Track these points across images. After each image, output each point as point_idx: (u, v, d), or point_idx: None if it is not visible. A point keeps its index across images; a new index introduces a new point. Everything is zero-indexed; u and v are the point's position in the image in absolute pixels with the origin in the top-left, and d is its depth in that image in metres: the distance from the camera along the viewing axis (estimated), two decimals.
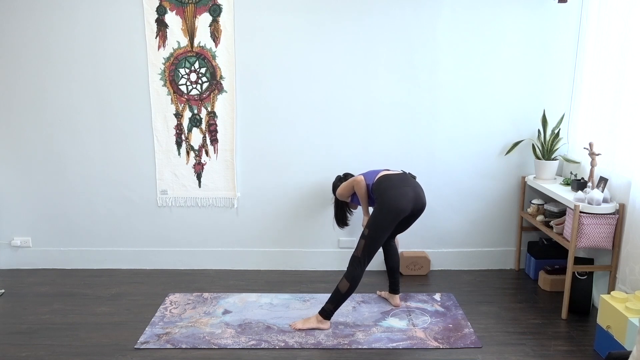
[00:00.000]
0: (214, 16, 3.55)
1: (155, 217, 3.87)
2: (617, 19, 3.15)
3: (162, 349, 2.81)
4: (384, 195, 2.97)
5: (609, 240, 3.02)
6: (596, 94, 3.39)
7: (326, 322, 3.02)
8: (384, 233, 2.94)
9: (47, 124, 3.71)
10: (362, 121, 3.71)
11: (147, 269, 3.92)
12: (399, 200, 2.92)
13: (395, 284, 3.33)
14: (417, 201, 3.01)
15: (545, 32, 3.59)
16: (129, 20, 3.55)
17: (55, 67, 3.62)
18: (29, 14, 3.54)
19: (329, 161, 3.76)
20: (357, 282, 2.95)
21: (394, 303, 3.31)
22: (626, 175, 3.01)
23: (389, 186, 2.99)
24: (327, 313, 3.01)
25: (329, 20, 3.56)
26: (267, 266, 3.94)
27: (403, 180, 3.04)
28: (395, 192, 2.95)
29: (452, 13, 3.56)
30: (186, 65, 3.62)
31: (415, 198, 2.99)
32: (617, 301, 2.65)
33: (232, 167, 3.77)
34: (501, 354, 2.77)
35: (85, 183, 3.81)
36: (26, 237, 3.91)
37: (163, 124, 3.71)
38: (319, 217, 3.86)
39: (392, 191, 2.96)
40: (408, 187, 2.99)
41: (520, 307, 3.32)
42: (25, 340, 2.89)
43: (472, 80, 3.66)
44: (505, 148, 3.76)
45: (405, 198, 2.94)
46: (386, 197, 2.95)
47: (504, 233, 3.92)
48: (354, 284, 2.94)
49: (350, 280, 2.93)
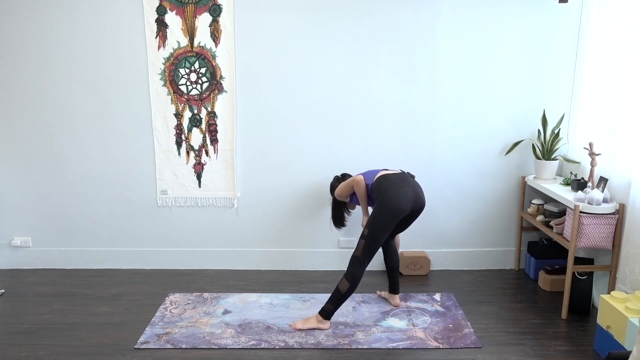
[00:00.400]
0: (214, 16, 3.55)
1: (155, 217, 3.87)
2: (617, 19, 3.15)
3: (162, 349, 2.81)
4: (383, 195, 2.97)
5: (609, 240, 3.02)
6: (596, 94, 3.38)
7: (326, 322, 3.03)
8: (383, 233, 2.94)
9: (47, 124, 3.71)
10: (362, 121, 3.71)
11: (147, 269, 3.92)
12: (398, 199, 2.92)
13: (395, 284, 3.34)
14: (416, 200, 3.01)
15: (545, 32, 3.59)
16: (129, 20, 3.55)
17: (55, 67, 3.62)
18: (29, 14, 3.54)
19: (329, 161, 3.76)
20: (357, 282, 2.95)
21: (394, 303, 3.31)
22: (626, 175, 3.01)
23: (388, 186, 2.99)
24: (327, 313, 3.01)
25: (329, 20, 3.56)
26: (267, 266, 3.94)
27: (402, 180, 3.04)
28: (395, 192, 2.95)
29: (452, 13, 3.56)
30: (186, 65, 3.62)
31: (415, 197, 3.00)
32: (617, 301, 2.65)
33: (232, 167, 3.77)
34: (501, 354, 2.77)
35: (85, 183, 3.81)
36: (26, 237, 3.91)
37: (163, 124, 3.71)
38: (319, 217, 3.86)
39: (391, 191, 2.96)
40: (407, 187, 2.99)
41: (520, 307, 3.32)
42: (25, 340, 2.89)
43: (472, 80, 3.66)
44: (505, 148, 3.76)
45: (405, 198, 2.94)
46: (386, 197, 2.95)
47: (504, 233, 3.92)
48: (354, 284, 2.94)
49: (350, 280, 2.94)
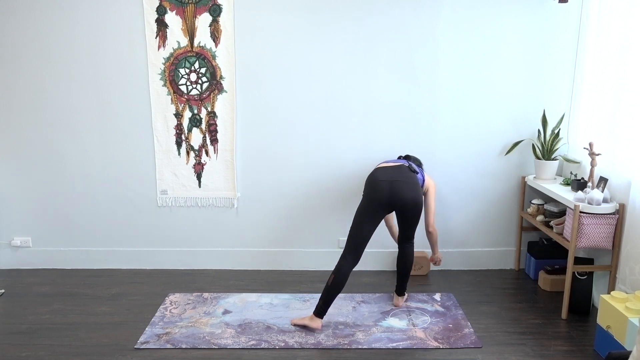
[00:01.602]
0: (214, 16, 3.55)
1: (155, 217, 3.87)
2: (617, 19, 3.15)
3: (162, 349, 2.81)
4: (365, 185, 3.13)
5: (609, 240, 3.02)
6: (596, 94, 3.38)
7: (317, 320, 2.99)
8: (360, 223, 3.03)
9: (47, 124, 3.71)
10: (362, 121, 3.71)
11: (147, 269, 3.92)
12: (370, 189, 3.07)
13: (400, 287, 3.32)
14: (393, 193, 3.00)
15: (545, 32, 3.59)
16: (129, 20, 3.55)
17: (55, 67, 3.62)
18: (29, 14, 3.54)
19: (329, 161, 3.76)
20: (339, 273, 2.96)
21: (395, 302, 3.31)
22: (626, 175, 3.01)
23: (370, 176, 3.14)
24: (317, 310, 2.99)
25: (329, 20, 3.56)
26: (267, 266, 3.94)
27: (385, 172, 3.10)
28: (369, 181, 3.12)
29: (452, 13, 3.56)
30: (186, 65, 3.62)
31: (391, 190, 3.00)
32: (617, 301, 2.65)
33: (232, 167, 3.77)
34: (501, 354, 2.77)
35: (86, 183, 3.81)
36: (26, 237, 3.91)
37: (163, 124, 3.71)
38: (319, 217, 3.86)
39: (368, 180, 3.13)
40: (384, 181, 3.04)
41: (520, 307, 3.32)
42: (25, 340, 2.89)
43: (472, 80, 3.66)
44: (505, 148, 3.76)
45: (377, 188, 3.04)
46: (364, 187, 3.12)
47: (504, 233, 3.92)
48: (337, 276, 2.96)
49: (334, 272, 2.97)
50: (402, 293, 3.33)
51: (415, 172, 3.16)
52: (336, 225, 3.86)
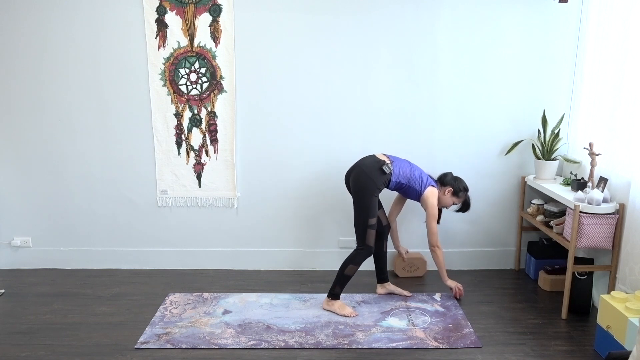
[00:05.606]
0: (214, 16, 3.55)
1: (155, 217, 3.87)
2: (617, 19, 3.15)
3: (162, 349, 2.81)
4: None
5: (609, 240, 3.02)
6: (596, 94, 3.38)
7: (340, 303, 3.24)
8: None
9: (47, 124, 3.71)
10: (362, 121, 3.71)
11: (147, 269, 3.92)
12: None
13: (382, 272, 3.45)
14: (346, 176, 3.31)
15: (545, 32, 3.59)
16: (129, 20, 3.55)
17: (55, 67, 3.62)
18: (29, 14, 3.54)
19: (329, 161, 3.76)
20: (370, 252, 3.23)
21: (388, 289, 3.46)
22: (626, 175, 3.01)
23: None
24: (334, 295, 3.24)
25: (329, 20, 3.56)
26: (267, 266, 3.94)
27: (360, 161, 3.27)
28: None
29: (452, 13, 3.56)
30: (186, 65, 3.62)
31: (347, 173, 3.32)
32: (617, 301, 2.65)
33: (232, 167, 3.77)
34: (501, 354, 2.77)
35: (85, 183, 3.81)
36: (26, 237, 3.91)
37: (163, 124, 3.71)
38: (319, 217, 3.86)
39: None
40: (352, 166, 3.28)
41: (520, 307, 3.32)
42: (25, 340, 2.89)
43: (472, 80, 3.66)
44: (505, 148, 3.76)
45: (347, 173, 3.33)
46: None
47: (504, 233, 3.92)
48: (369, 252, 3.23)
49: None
50: (386, 278, 3.47)
51: (383, 171, 3.12)
52: (336, 225, 3.86)
